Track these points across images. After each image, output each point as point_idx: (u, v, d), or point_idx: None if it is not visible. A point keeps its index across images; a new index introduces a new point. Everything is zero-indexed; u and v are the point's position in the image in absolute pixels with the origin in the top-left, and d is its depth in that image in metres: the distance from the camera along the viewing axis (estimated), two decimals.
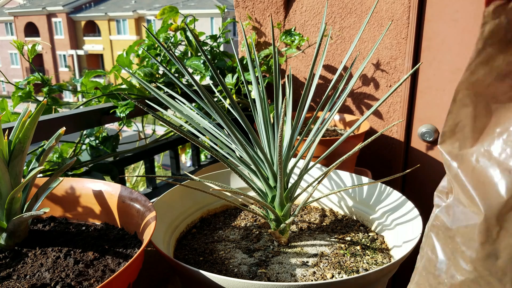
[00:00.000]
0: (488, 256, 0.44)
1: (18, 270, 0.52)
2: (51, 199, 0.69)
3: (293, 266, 0.66)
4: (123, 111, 0.98)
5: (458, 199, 0.47)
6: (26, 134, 0.55)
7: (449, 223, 0.47)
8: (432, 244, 0.48)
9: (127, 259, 0.56)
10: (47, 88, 1.01)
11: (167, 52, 0.68)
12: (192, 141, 0.63)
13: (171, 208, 0.78)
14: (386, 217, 0.77)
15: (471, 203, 0.45)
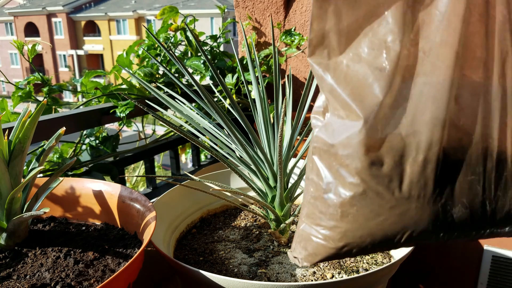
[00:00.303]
0: (373, 163, 0.43)
1: (18, 270, 0.52)
2: (51, 199, 0.69)
3: (293, 266, 0.66)
4: (123, 111, 0.98)
5: (336, 113, 0.45)
6: (26, 134, 0.55)
7: (330, 140, 0.45)
8: (316, 168, 0.46)
9: (127, 259, 0.56)
10: (47, 88, 1.01)
11: (167, 52, 0.68)
12: (192, 141, 0.63)
13: (171, 208, 0.78)
14: None
15: (349, 111, 0.43)
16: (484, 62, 0.42)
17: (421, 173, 0.42)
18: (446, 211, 0.44)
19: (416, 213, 0.43)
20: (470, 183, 0.44)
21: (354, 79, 0.43)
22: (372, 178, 0.43)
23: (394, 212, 0.43)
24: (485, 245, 1.04)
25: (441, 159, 0.42)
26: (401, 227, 0.44)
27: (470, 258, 1.08)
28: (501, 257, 1.02)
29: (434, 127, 0.42)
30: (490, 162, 0.43)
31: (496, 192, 0.44)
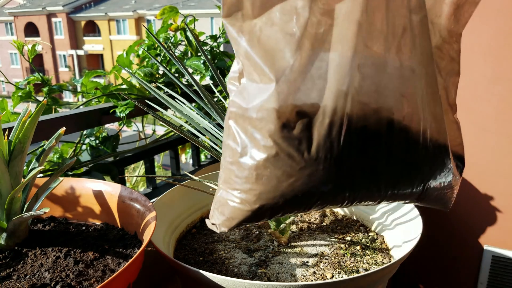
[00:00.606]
0: (284, 126, 0.45)
1: (18, 270, 0.52)
2: (51, 199, 0.69)
3: (293, 266, 0.66)
4: (123, 111, 0.98)
5: (250, 77, 0.46)
6: (26, 134, 0.55)
7: (244, 104, 0.46)
8: (232, 133, 0.47)
9: (127, 259, 0.56)
10: (47, 88, 1.01)
11: (167, 52, 0.68)
12: (192, 141, 0.63)
13: (171, 208, 0.78)
14: (386, 217, 0.77)
15: (262, 75, 0.45)
16: (384, 35, 0.46)
17: (327, 136, 0.45)
18: (350, 172, 0.46)
19: (324, 173, 0.46)
20: (372, 148, 0.47)
21: (267, 43, 0.45)
22: (284, 141, 0.45)
23: (303, 173, 0.45)
24: (485, 245, 1.04)
25: (345, 124, 0.45)
26: (310, 187, 0.46)
27: (470, 258, 1.08)
28: (501, 257, 1.02)
29: (339, 94, 0.45)
30: (391, 129, 0.47)
31: (398, 156, 0.48)
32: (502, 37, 0.94)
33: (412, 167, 0.50)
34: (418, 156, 0.50)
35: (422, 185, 0.52)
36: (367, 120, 0.47)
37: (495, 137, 0.99)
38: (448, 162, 0.52)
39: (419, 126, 0.49)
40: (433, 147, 0.51)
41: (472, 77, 0.99)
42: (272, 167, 0.46)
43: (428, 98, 0.49)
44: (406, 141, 0.49)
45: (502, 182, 1.00)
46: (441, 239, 1.11)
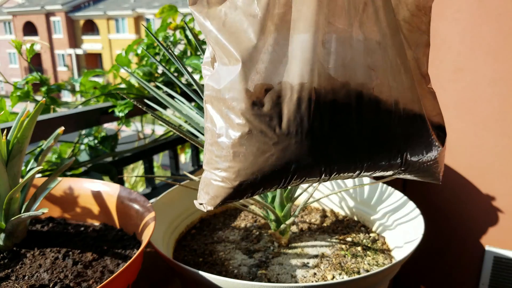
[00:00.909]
0: (255, 104, 0.48)
1: (17, 271, 0.52)
2: (49, 200, 0.69)
3: (293, 267, 0.66)
4: (122, 111, 0.98)
5: (221, 61, 0.49)
6: (24, 134, 0.55)
7: (217, 86, 0.49)
8: (210, 116, 0.50)
9: (126, 260, 0.55)
10: (45, 87, 1.01)
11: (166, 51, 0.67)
12: (191, 141, 0.62)
13: (171, 208, 0.78)
14: (387, 217, 0.77)
15: (230, 57, 0.47)
16: (346, 10, 0.48)
17: (296, 111, 0.47)
18: (322, 145, 0.49)
19: (296, 147, 0.48)
20: (343, 120, 0.49)
21: (232, 26, 0.48)
22: (255, 118, 0.47)
23: (277, 148, 0.48)
24: (487, 245, 1.04)
25: (313, 99, 0.47)
26: (285, 161, 0.48)
27: (471, 259, 1.08)
28: (503, 257, 1.02)
29: (305, 70, 0.47)
30: (361, 101, 0.49)
31: (370, 127, 0.50)
32: (503, 37, 0.93)
33: (387, 138, 0.51)
34: (392, 126, 0.51)
35: (400, 155, 0.52)
36: (336, 93, 0.48)
37: (496, 137, 0.99)
38: (425, 131, 0.53)
39: (390, 96, 0.50)
40: (407, 117, 0.51)
41: (472, 77, 0.99)
42: (247, 144, 0.48)
43: (398, 69, 0.50)
44: (377, 112, 0.50)
45: (503, 182, 1.00)
46: (442, 239, 1.10)
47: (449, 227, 1.09)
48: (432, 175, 0.57)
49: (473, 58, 0.98)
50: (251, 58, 0.47)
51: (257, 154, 0.48)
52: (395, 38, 0.51)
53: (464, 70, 0.99)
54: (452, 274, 1.13)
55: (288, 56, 0.48)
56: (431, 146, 0.54)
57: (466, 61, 0.99)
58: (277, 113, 0.48)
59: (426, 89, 0.54)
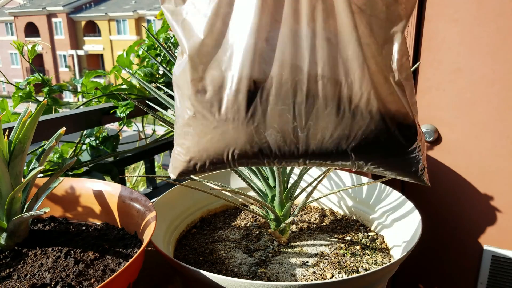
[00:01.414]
0: (198, 91, 0.54)
1: (18, 270, 0.52)
2: (51, 199, 0.69)
3: (293, 266, 0.66)
4: (123, 111, 0.98)
5: (181, 53, 0.55)
6: (26, 134, 0.55)
7: (177, 73, 0.56)
8: (175, 99, 0.57)
9: (127, 259, 0.56)
10: (47, 88, 1.01)
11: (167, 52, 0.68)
12: None
13: (171, 208, 0.78)
14: (386, 216, 0.77)
15: (184, 49, 0.54)
16: (294, 9, 0.51)
17: (234, 100, 0.52)
18: (259, 133, 0.53)
19: (234, 133, 0.53)
20: (280, 111, 0.52)
21: (188, 23, 0.54)
22: (199, 103, 0.54)
23: (217, 132, 0.54)
24: (485, 245, 1.04)
25: (251, 90, 0.52)
26: (225, 144, 0.54)
27: (469, 258, 1.08)
28: (501, 257, 1.02)
29: (246, 63, 0.51)
30: (300, 96, 0.51)
31: (307, 121, 0.52)
32: (502, 38, 0.94)
33: (329, 131, 0.52)
34: (336, 121, 0.52)
35: (345, 150, 0.53)
36: (276, 86, 0.51)
37: (494, 138, 0.99)
38: (380, 128, 0.52)
39: (338, 92, 0.51)
40: (357, 112, 0.52)
41: (471, 78, 0.99)
42: (194, 125, 0.55)
43: (351, 65, 0.51)
44: (320, 107, 0.52)
45: (502, 182, 1.00)
46: (441, 239, 1.11)
47: (447, 227, 1.09)
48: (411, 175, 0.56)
49: (472, 59, 0.98)
50: (198, 52, 0.53)
51: (201, 135, 0.55)
52: (349, 34, 0.51)
53: (463, 70, 1.00)
54: (450, 273, 1.13)
55: (233, 50, 0.52)
56: (391, 143, 0.53)
57: (465, 62, 0.99)
58: (217, 100, 0.53)
59: (393, 85, 0.53)
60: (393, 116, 0.53)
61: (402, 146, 0.53)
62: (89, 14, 23.82)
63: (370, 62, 0.51)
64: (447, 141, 1.05)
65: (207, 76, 0.53)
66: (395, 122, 0.53)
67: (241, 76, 0.52)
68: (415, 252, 0.63)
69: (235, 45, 0.52)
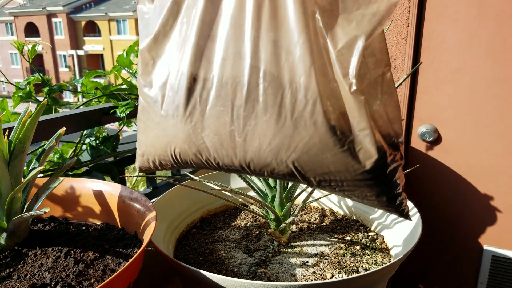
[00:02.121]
0: (145, 85, 0.55)
1: (18, 270, 0.52)
2: (51, 199, 0.69)
3: (293, 266, 0.66)
4: (123, 111, 0.98)
5: None
6: (26, 134, 0.55)
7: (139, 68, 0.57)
8: None
9: (127, 259, 0.56)
10: (47, 88, 1.01)
11: None
12: None
13: (171, 208, 0.78)
14: (386, 217, 0.77)
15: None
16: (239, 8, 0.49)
17: (174, 96, 0.52)
18: (196, 133, 0.52)
19: (173, 130, 0.53)
20: (218, 113, 0.50)
21: (148, 21, 0.56)
22: (146, 99, 0.55)
23: (160, 127, 0.54)
24: (485, 245, 1.04)
25: (191, 87, 0.51)
26: (167, 141, 0.54)
27: (470, 258, 1.08)
28: (501, 257, 1.02)
29: (187, 59, 0.51)
30: (239, 99, 0.49)
31: (245, 126, 0.49)
32: (501, 38, 0.94)
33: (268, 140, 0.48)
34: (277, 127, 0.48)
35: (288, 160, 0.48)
36: (215, 86, 0.50)
37: (494, 137, 0.99)
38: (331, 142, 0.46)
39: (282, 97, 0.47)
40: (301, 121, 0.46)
41: (471, 78, 0.99)
42: (143, 119, 0.57)
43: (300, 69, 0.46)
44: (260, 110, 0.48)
45: (502, 182, 1.00)
46: (441, 238, 1.11)
47: (447, 227, 1.09)
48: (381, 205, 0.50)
49: (472, 59, 0.98)
50: (149, 48, 0.55)
51: (148, 130, 0.56)
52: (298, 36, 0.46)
53: (462, 70, 1.00)
54: (450, 273, 1.13)
55: (180, 47, 0.53)
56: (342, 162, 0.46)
57: (465, 62, 0.99)
58: (161, 96, 0.54)
59: (348, 95, 0.45)
60: (345, 131, 0.46)
61: (354, 166, 0.47)
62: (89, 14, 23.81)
63: (323, 68, 0.46)
64: (447, 141, 1.05)
65: (155, 71, 0.55)
66: (347, 138, 0.46)
67: (183, 72, 0.52)
68: (415, 252, 0.63)
69: (183, 42, 0.53)
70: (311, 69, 0.46)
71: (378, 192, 0.48)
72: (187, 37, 0.52)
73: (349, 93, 0.45)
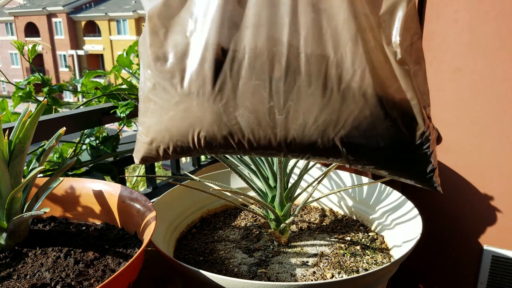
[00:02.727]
0: (158, 58, 0.46)
1: (18, 270, 0.52)
2: (51, 199, 0.69)
3: (293, 266, 0.66)
4: (123, 111, 0.98)
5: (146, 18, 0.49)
6: (26, 134, 0.55)
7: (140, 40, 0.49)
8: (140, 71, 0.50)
9: (127, 259, 0.56)
10: (47, 88, 1.01)
11: None
12: None
13: (171, 208, 0.78)
14: (386, 217, 0.77)
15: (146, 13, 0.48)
16: None
17: (199, 70, 0.44)
18: (228, 112, 0.44)
19: (198, 110, 0.45)
20: (254, 87, 0.43)
21: None
22: (158, 73, 0.46)
23: (179, 108, 0.46)
24: (485, 245, 1.04)
25: (219, 59, 0.44)
26: (188, 123, 0.46)
27: (469, 258, 1.08)
28: (501, 257, 1.02)
29: (212, 27, 0.44)
30: (278, 70, 0.43)
31: (286, 102, 0.43)
32: (501, 38, 0.94)
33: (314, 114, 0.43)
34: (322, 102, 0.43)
35: (336, 138, 0.44)
36: (248, 56, 0.44)
37: (494, 137, 0.99)
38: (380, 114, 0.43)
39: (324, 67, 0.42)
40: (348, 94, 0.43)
41: (471, 77, 0.99)
42: (154, 99, 0.47)
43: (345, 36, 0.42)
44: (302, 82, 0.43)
45: (502, 182, 1.00)
46: (441, 238, 1.11)
47: (447, 227, 1.09)
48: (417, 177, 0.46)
49: (472, 59, 0.98)
50: (159, 13, 0.46)
51: (162, 111, 0.47)
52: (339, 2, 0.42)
53: (463, 70, 1.00)
54: (450, 273, 1.13)
55: (200, 12, 0.45)
56: (390, 135, 0.44)
57: (465, 62, 0.99)
58: (180, 70, 0.45)
59: (394, 64, 0.43)
60: (394, 102, 0.43)
61: (404, 139, 0.44)
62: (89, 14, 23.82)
63: (366, 35, 0.42)
64: (447, 141, 1.05)
65: (169, 41, 0.46)
66: (396, 109, 0.43)
67: (208, 42, 0.44)
68: (415, 252, 0.63)
69: (202, 6, 0.45)
70: (357, 36, 0.41)
71: (420, 165, 0.45)
72: (209, 0, 0.44)
73: (395, 62, 0.43)
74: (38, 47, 1.00)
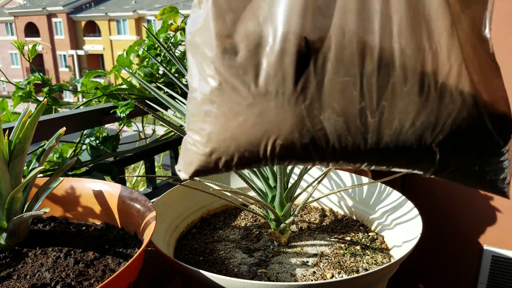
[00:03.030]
0: (226, 51, 0.38)
1: (18, 270, 0.52)
2: (51, 199, 0.69)
3: (293, 266, 0.66)
4: (123, 111, 0.98)
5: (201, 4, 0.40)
6: (26, 134, 0.55)
7: (192, 28, 0.40)
8: (190, 67, 0.41)
9: (127, 259, 0.56)
10: (47, 88, 1.01)
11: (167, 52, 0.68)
12: None
13: (171, 208, 0.78)
14: (386, 217, 0.77)
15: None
16: None
17: (278, 66, 0.37)
18: (313, 116, 0.37)
19: (277, 113, 0.37)
20: (343, 85, 0.37)
21: None
22: (226, 69, 0.38)
23: (252, 111, 0.38)
24: (485, 245, 1.04)
25: (302, 52, 0.37)
26: (263, 130, 0.38)
27: (470, 258, 1.08)
28: (501, 257, 1.02)
29: (293, 13, 0.36)
30: (370, 63, 0.37)
31: (379, 101, 0.37)
32: (502, 38, 0.94)
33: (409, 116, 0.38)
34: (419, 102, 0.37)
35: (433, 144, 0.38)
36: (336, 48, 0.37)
37: None
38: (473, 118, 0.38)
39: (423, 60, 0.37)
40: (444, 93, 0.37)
41: None
42: (218, 101, 0.39)
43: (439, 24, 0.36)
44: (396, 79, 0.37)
45: None
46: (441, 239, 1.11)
47: (448, 227, 1.09)
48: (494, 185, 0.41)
49: None
50: None
51: (229, 116, 0.39)
52: None
53: None
54: (450, 273, 1.13)
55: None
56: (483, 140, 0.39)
57: None
58: (253, 65, 0.38)
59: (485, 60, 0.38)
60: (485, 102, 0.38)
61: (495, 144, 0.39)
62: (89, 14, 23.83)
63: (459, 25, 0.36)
64: None
65: (239, 29, 0.38)
66: (487, 110, 0.38)
67: (288, 31, 0.37)
68: (415, 252, 0.63)
69: None
70: (452, 27, 0.36)
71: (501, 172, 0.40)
72: None
73: (486, 57, 0.38)
74: (38, 47, 1.00)
